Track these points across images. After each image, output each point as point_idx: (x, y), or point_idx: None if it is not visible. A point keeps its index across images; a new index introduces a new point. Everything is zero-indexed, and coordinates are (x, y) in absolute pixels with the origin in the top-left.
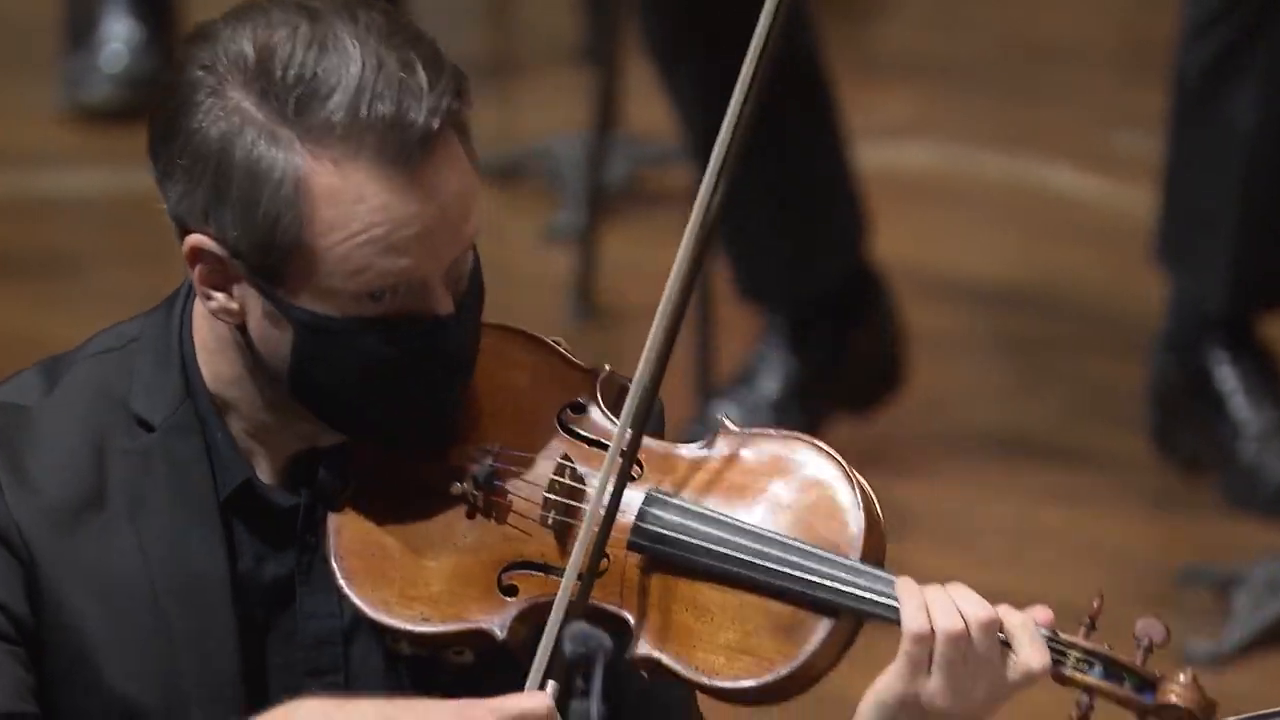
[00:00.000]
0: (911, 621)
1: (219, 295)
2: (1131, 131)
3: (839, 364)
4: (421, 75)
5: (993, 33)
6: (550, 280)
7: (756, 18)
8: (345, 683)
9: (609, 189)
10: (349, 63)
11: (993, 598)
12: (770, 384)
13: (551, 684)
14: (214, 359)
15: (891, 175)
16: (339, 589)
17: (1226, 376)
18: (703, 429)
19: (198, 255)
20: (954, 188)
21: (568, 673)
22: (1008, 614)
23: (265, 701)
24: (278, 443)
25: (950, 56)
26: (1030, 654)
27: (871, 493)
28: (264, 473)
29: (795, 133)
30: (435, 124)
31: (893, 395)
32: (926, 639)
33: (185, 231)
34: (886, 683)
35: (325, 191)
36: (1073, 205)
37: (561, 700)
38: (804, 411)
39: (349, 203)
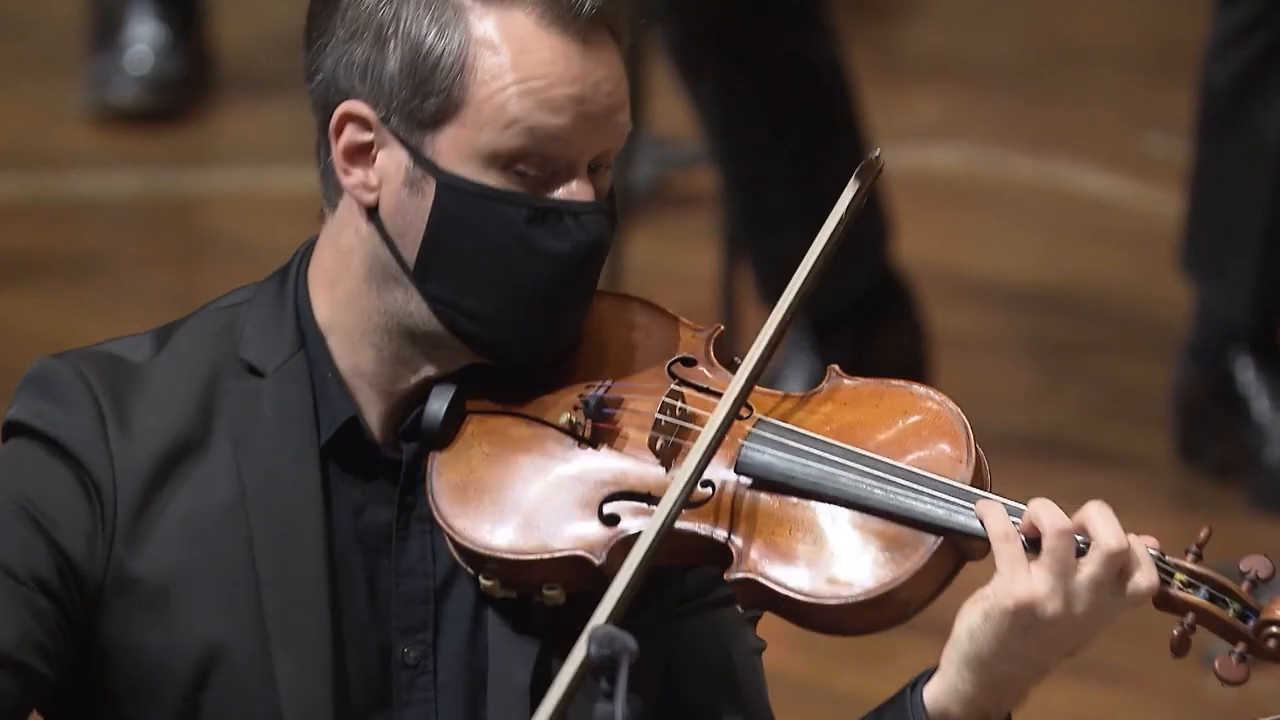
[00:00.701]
0: (995, 523)
1: (357, 171)
2: (1160, 134)
3: (863, 366)
4: None
5: (1021, 35)
6: None
7: (773, 24)
8: (434, 640)
9: (635, 191)
10: None
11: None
12: (795, 386)
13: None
14: (334, 286)
15: (920, 177)
16: (439, 524)
17: (1251, 380)
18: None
19: (346, 120)
20: (982, 190)
21: (592, 675)
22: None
23: (350, 652)
24: (384, 386)
25: (979, 59)
26: (1141, 569)
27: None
28: (372, 423)
29: (819, 140)
30: (598, 7)
31: None
32: (1012, 535)
33: (330, 106)
34: (993, 589)
35: (490, 37)
36: (1100, 207)
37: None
38: None
39: (513, 50)
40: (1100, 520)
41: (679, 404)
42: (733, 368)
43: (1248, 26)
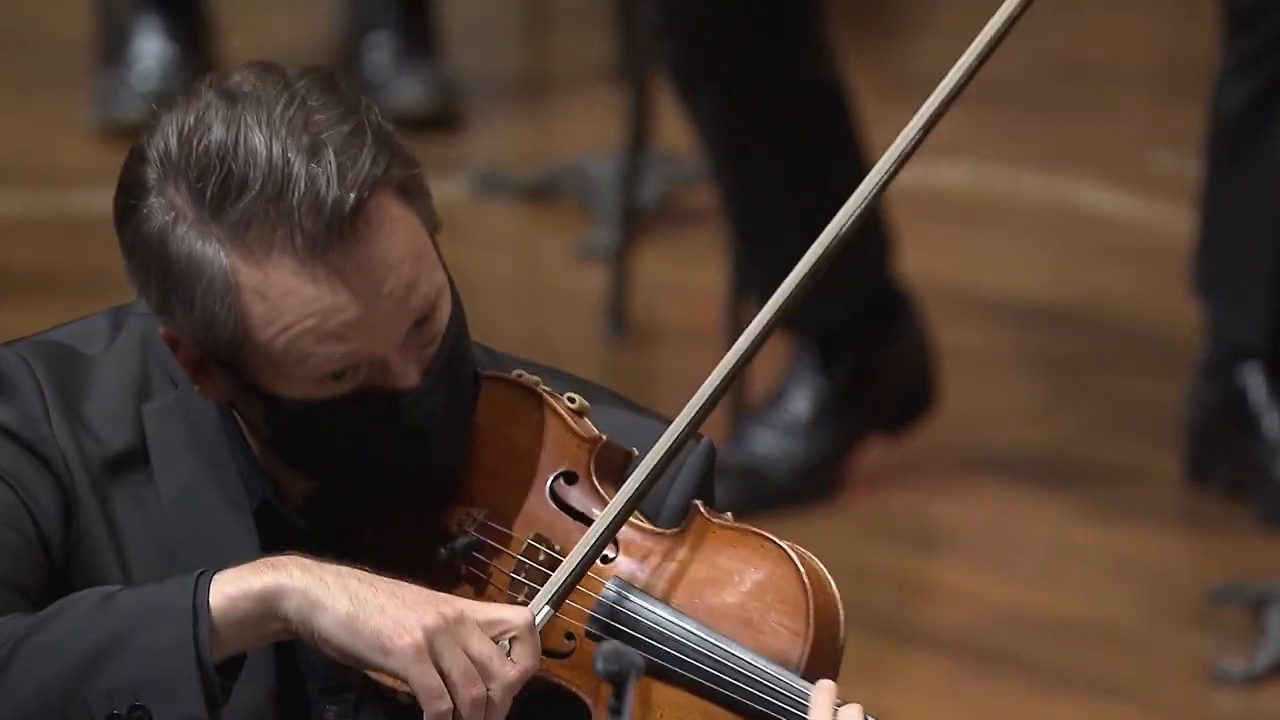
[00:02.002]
0: None
1: (205, 380)
2: (1169, 151)
3: (869, 385)
4: (330, 158)
5: (1030, 52)
6: (583, 298)
7: (772, 44)
8: (356, 702)
9: (642, 207)
10: (256, 157)
11: (1027, 615)
12: (801, 405)
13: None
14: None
15: (928, 194)
16: None
17: (1262, 397)
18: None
19: (173, 345)
20: (991, 207)
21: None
22: None
23: (291, 652)
24: (291, 482)
25: (987, 76)
26: None
27: (830, 593)
28: (286, 496)
29: (819, 159)
30: (350, 204)
31: (924, 415)
32: None
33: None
34: None
35: (252, 287)
36: (1110, 224)
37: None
38: (836, 432)
39: (277, 297)
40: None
41: (543, 551)
42: (615, 478)
43: (1258, 55)
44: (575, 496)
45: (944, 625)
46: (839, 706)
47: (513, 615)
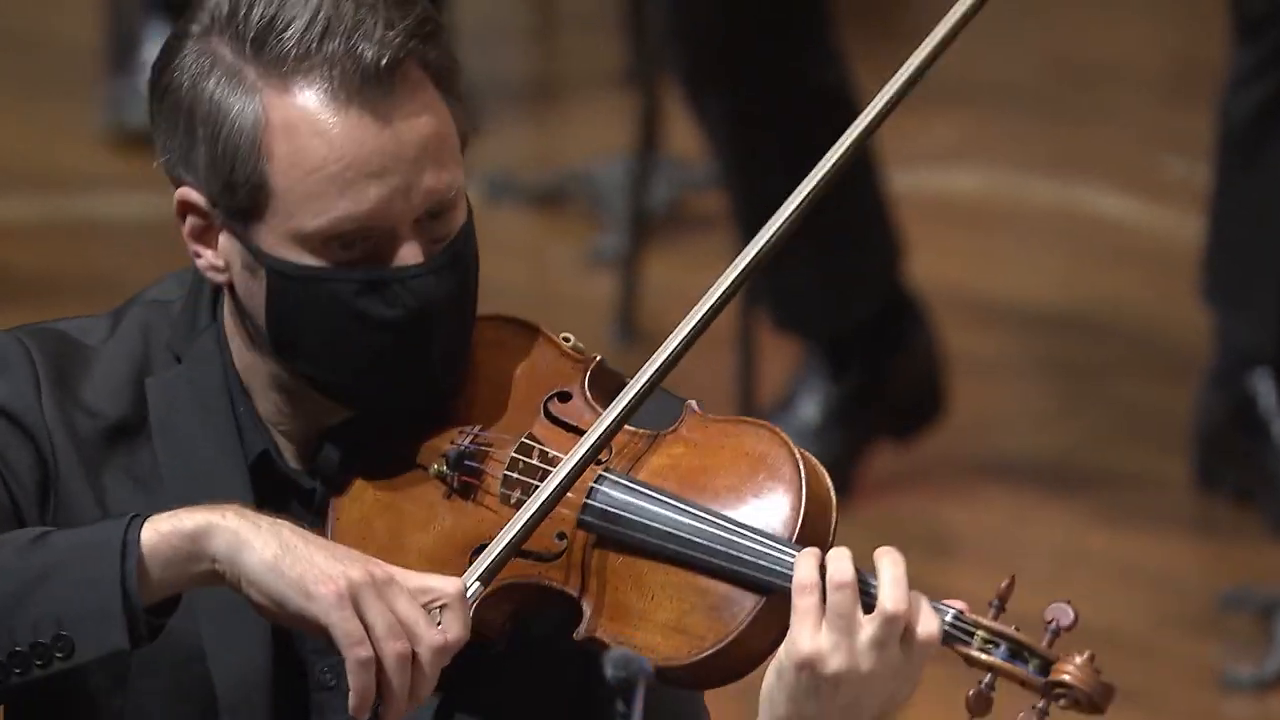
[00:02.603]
0: (800, 574)
1: (207, 252)
2: (1178, 156)
3: (878, 390)
4: (381, 12)
5: (1039, 58)
6: (593, 304)
7: (780, 48)
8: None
9: (651, 213)
10: (308, 2)
11: (1037, 620)
12: (810, 410)
13: (475, 582)
14: (233, 336)
15: (939, 200)
16: None
17: (1270, 403)
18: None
19: (184, 208)
20: (1000, 212)
21: (609, 697)
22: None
23: (283, 680)
24: (293, 425)
25: (997, 82)
26: (924, 627)
27: (822, 475)
28: (287, 453)
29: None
30: (389, 58)
31: (934, 421)
32: (809, 589)
33: (174, 186)
34: (781, 646)
35: (281, 125)
36: (1119, 229)
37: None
38: (845, 437)
39: (305, 136)
40: (886, 579)
41: (536, 448)
42: (609, 400)
43: (1266, 63)
44: (569, 412)
45: None
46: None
47: (444, 584)
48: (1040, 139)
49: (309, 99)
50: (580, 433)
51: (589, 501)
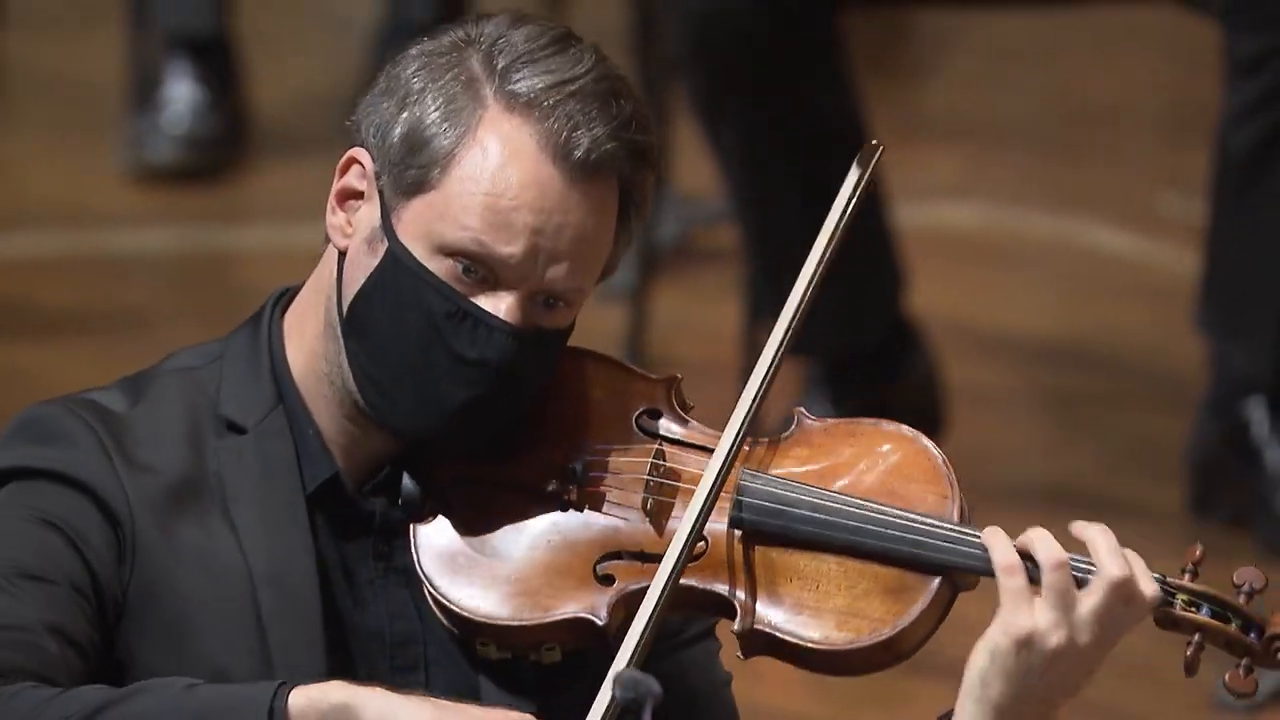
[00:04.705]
0: (1001, 557)
1: (342, 214)
2: (1174, 192)
3: (879, 414)
4: (626, 110)
5: (1038, 95)
6: (601, 337)
7: (794, 77)
8: (425, 681)
9: (660, 247)
10: (574, 64)
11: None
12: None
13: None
14: (303, 328)
15: (939, 234)
16: (428, 597)
17: (1264, 431)
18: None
19: (349, 164)
20: (999, 246)
21: (618, 718)
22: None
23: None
24: (348, 446)
25: (996, 118)
26: (1143, 589)
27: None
28: (347, 478)
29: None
30: (595, 156)
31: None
32: (1016, 569)
33: (349, 147)
34: (994, 628)
35: (486, 140)
36: (1116, 264)
37: None
38: None
39: (500, 161)
40: (1104, 547)
41: (663, 462)
42: (689, 413)
43: (1263, 100)
44: (665, 427)
45: (955, 653)
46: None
47: None
48: (1039, 175)
49: (523, 135)
50: (690, 446)
51: (742, 499)
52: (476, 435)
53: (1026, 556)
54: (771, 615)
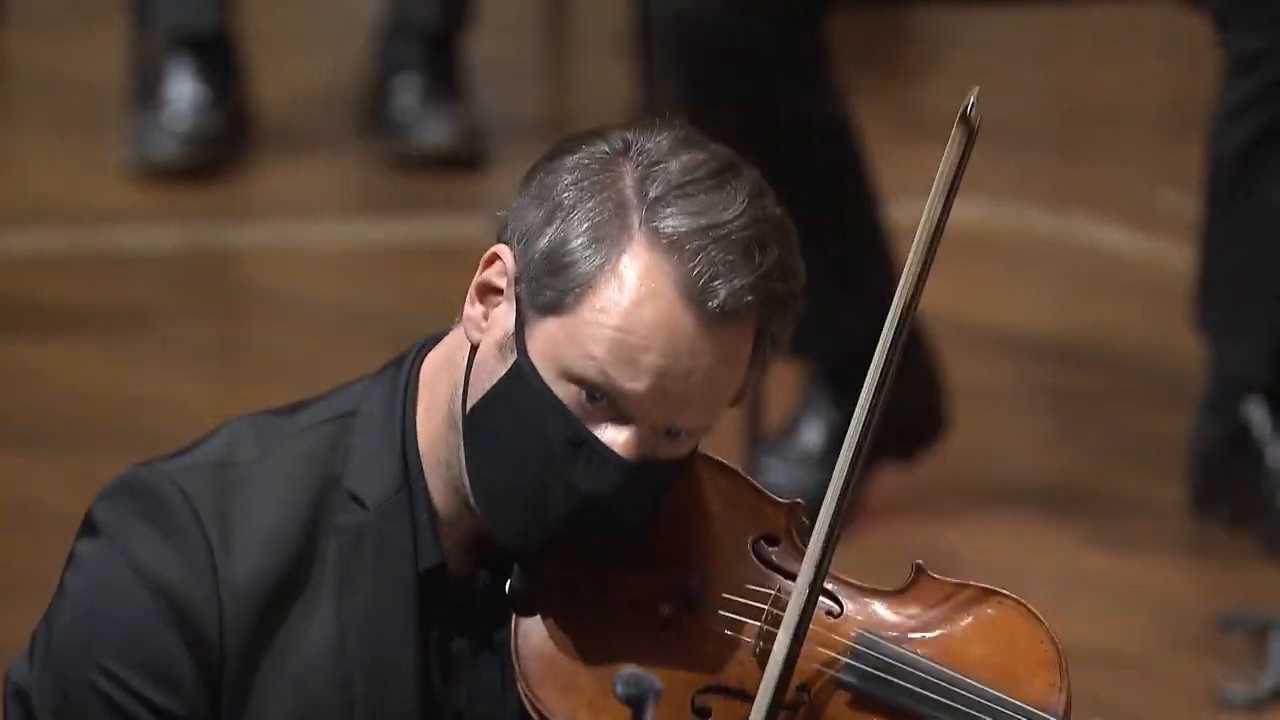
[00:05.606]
0: None
1: (480, 307)
2: (1175, 190)
3: (880, 415)
4: (770, 260)
5: (1039, 94)
6: None
7: (780, 82)
8: None
9: None
10: (726, 206)
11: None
12: (814, 435)
13: None
14: (433, 401)
15: None
16: (521, 695)
17: (1265, 430)
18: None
19: (492, 261)
20: (1001, 243)
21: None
22: None
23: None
24: (468, 527)
25: (996, 116)
26: None
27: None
28: (455, 549)
29: (829, 193)
30: (744, 302)
31: (935, 442)
32: None
33: (497, 239)
34: None
35: (626, 274)
36: (1117, 261)
37: None
38: None
39: (637, 298)
40: None
41: (780, 596)
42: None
43: (1254, 99)
44: (781, 556)
45: None
46: None
47: None
48: (1039, 173)
49: (661, 276)
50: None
51: (853, 662)
52: (580, 552)
53: None
54: None
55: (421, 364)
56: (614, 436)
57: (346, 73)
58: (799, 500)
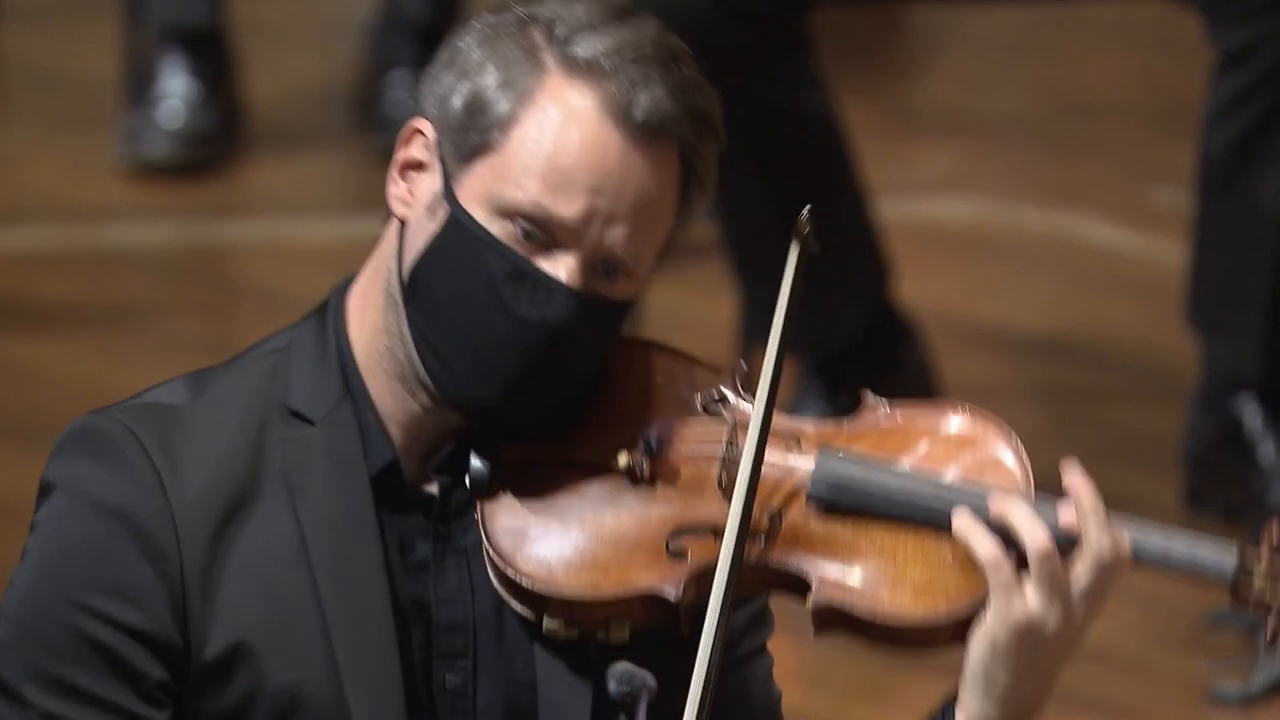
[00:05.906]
0: (983, 553)
1: (404, 184)
2: (1166, 186)
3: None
4: (688, 74)
5: (1031, 90)
6: None
7: (763, 75)
8: (473, 668)
9: None
10: (633, 32)
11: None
12: None
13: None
14: (365, 307)
15: (932, 228)
16: (495, 576)
17: (1258, 426)
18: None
19: (411, 134)
20: (993, 240)
21: (612, 712)
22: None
23: (411, 684)
24: (419, 427)
25: (990, 114)
26: (1125, 554)
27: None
28: (408, 457)
29: (812, 191)
30: (655, 119)
31: None
32: (1001, 565)
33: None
34: (990, 619)
35: (547, 104)
36: (1108, 258)
37: None
38: None
39: (562, 122)
40: (1092, 523)
41: (737, 442)
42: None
43: (1244, 94)
44: (730, 409)
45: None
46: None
47: None
48: (1032, 170)
49: (584, 99)
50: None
51: (818, 476)
52: (535, 407)
53: (1007, 533)
54: (846, 590)
55: (346, 297)
56: (555, 267)
57: (339, 69)
58: (742, 363)
